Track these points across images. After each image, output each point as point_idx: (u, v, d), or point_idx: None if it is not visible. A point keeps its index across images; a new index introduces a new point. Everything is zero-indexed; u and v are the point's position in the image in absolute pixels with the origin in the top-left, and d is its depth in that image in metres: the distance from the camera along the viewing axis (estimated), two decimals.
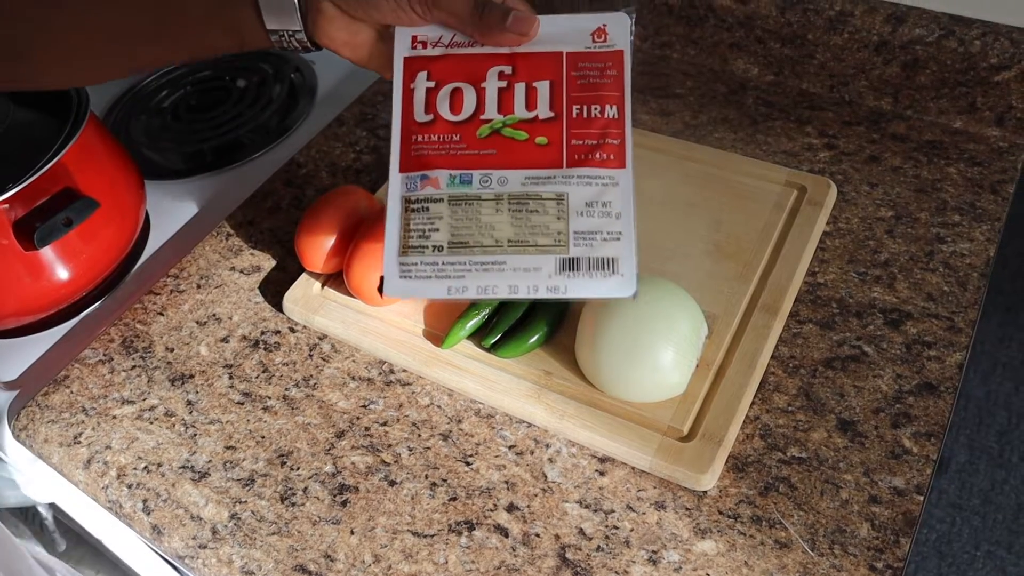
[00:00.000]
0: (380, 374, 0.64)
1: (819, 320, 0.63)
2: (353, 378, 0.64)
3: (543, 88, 0.48)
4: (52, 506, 0.82)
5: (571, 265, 0.45)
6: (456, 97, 0.48)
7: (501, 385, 0.60)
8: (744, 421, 0.58)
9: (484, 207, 0.46)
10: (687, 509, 0.54)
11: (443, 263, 0.46)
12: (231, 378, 0.65)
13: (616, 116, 0.47)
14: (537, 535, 0.54)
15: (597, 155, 0.47)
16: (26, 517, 0.89)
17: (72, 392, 0.65)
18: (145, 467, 0.60)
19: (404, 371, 0.64)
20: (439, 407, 0.61)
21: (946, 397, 0.58)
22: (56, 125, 0.65)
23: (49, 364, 0.68)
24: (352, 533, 0.55)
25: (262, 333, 0.68)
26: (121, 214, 0.71)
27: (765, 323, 0.61)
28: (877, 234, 0.69)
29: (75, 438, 0.62)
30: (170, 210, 0.81)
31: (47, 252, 0.65)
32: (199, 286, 0.72)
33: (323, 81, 0.95)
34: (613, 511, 0.55)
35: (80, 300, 0.71)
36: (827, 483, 0.54)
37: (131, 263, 0.76)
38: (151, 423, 0.62)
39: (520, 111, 0.48)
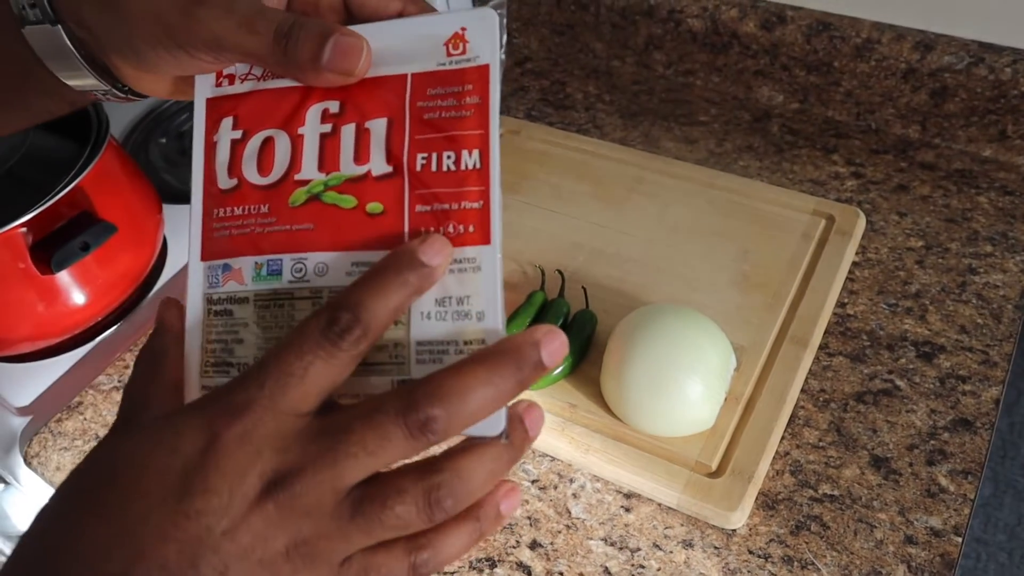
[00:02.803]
0: None
1: (849, 353, 0.62)
2: None
3: (378, 130, 0.33)
4: None
5: None
6: (267, 151, 0.34)
7: None
8: (774, 457, 0.56)
9: (299, 309, 0.33)
10: (716, 548, 0.53)
11: None
12: None
13: (478, 166, 0.32)
14: (561, 573, 0.52)
15: (450, 227, 0.32)
16: None
17: (86, 419, 0.64)
18: None
19: None
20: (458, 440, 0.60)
21: (983, 433, 0.56)
22: (75, 148, 0.65)
23: (63, 390, 0.68)
24: None
25: None
26: (139, 238, 0.71)
27: (795, 356, 0.60)
28: (907, 264, 0.67)
29: None
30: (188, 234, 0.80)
31: (63, 276, 0.65)
32: None
33: None
34: (639, 549, 0.53)
35: (96, 325, 0.71)
36: (860, 522, 0.53)
37: (148, 288, 0.75)
38: None
39: (347, 166, 0.33)
